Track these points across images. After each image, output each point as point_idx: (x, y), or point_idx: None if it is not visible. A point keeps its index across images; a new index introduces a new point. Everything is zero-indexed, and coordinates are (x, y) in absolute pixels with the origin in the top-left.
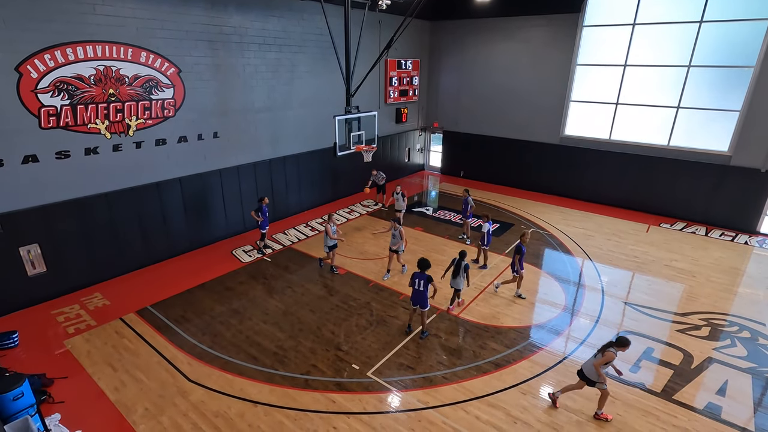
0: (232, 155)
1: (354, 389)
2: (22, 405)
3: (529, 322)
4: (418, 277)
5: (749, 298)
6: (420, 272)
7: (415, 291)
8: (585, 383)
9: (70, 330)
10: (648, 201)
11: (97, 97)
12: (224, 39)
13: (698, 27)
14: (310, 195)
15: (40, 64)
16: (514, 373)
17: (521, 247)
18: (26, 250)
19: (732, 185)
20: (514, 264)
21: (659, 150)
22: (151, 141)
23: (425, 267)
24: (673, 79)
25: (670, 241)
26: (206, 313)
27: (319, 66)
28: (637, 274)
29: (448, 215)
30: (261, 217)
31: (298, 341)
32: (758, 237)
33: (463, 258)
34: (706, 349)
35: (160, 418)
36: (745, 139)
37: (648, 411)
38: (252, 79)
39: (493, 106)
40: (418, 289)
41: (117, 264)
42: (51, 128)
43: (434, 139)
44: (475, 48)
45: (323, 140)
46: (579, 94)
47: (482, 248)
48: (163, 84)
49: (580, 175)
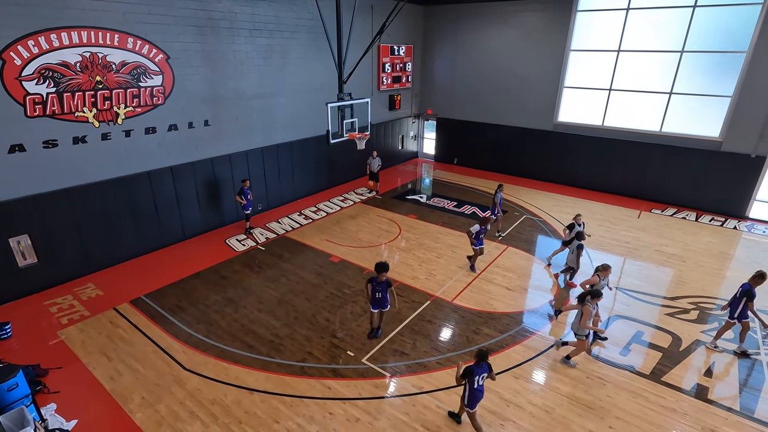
0: (224, 143)
1: (349, 376)
2: (17, 395)
3: (522, 307)
4: (379, 287)
5: (737, 282)
6: (378, 280)
7: (377, 299)
8: None
9: (63, 320)
10: (640, 187)
11: (84, 85)
12: (213, 24)
13: (692, 11)
14: (303, 183)
15: (23, 50)
16: (507, 358)
17: None
18: (16, 241)
19: (722, 171)
20: None
21: (651, 136)
22: (141, 129)
23: (384, 270)
24: (666, 65)
25: (661, 227)
26: (201, 302)
27: (312, 52)
28: (628, 260)
29: (442, 203)
30: (244, 199)
31: (294, 329)
32: (747, 222)
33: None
34: (694, 332)
35: (156, 407)
36: (736, 125)
37: (637, 393)
38: (243, 66)
39: (487, 92)
40: (380, 297)
41: (109, 254)
42: (37, 117)
43: (428, 126)
44: (468, 33)
45: (316, 128)
46: (572, 80)
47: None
48: (151, 71)
49: (572, 161)
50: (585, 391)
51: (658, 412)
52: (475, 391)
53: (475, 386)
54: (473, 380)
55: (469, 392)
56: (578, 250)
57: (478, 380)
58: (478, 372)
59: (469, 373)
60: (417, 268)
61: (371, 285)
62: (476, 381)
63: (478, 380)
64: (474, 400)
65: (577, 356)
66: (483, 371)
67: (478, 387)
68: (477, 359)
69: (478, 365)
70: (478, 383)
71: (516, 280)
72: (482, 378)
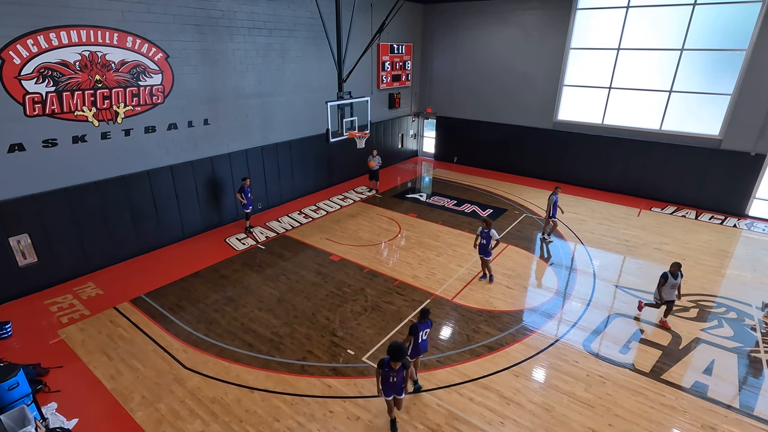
0: (224, 142)
1: (349, 374)
2: (17, 395)
3: (522, 306)
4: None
5: (737, 279)
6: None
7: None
8: None
9: (63, 320)
10: (639, 185)
11: (84, 84)
12: (212, 23)
13: (692, 9)
14: (303, 182)
15: (22, 49)
16: (507, 356)
17: None
18: (16, 240)
19: (722, 169)
20: None
21: (651, 134)
22: (141, 128)
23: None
24: (666, 63)
25: (661, 225)
26: (201, 301)
27: (311, 51)
28: (628, 258)
29: (442, 201)
30: (244, 198)
31: (294, 328)
32: (747, 220)
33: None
34: (694, 330)
35: (157, 405)
36: (735, 123)
37: (637, 390)
38: (242, 65)
39: (487, 91)
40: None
41: (109, 253)
42: (37, 116)
43: (427, 125)
44: (468, 32)
45: (316, 126)
46: (572, 78)
47: (551, 219)
48: (150, 70)
49: (572, 159)
50: (585, 389)
51: (658, 410)
52: (418, 345)
53: (419, 340)
54: (418, 335)
55: (413, 346)
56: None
57: (422, 335)
58: (421, 327)
59: (413, 328)
60: (417, 266)
61: (383, 371)
62: (420, 336)
63: (422, 335)
64: (417, 352)
65: None
66: (426, 327)
67: (422, 341)
68: (420, 316)
69: (422, 321)
70: (422, 337)
71: (516, 279)
72: (425, 333)
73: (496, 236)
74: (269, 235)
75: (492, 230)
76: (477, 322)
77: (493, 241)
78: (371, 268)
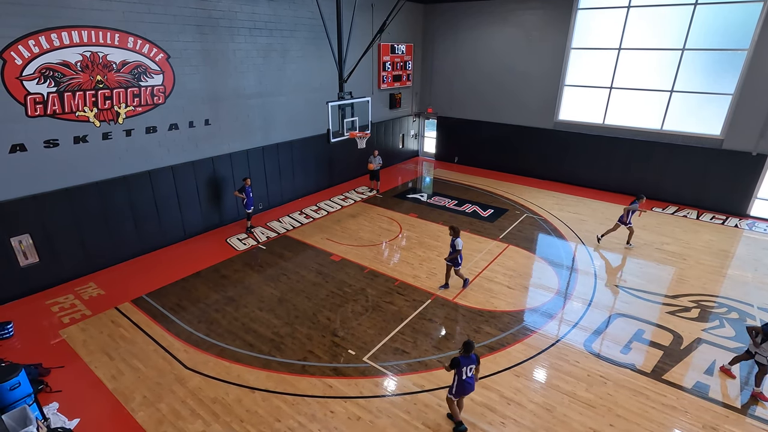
0: (225, 143)
1: (350, 374)
2: (19, 395)
3: (523, 306)
4: (468, 362)
5: (738, 280)
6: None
7: (466, 382)
8: None
9: (65, 320)
10: (641, 185)
11: (85, 84)
12: (213, 23)
13: (693, 9)
14: (304, 182)
15: (24, 50)
16: (508, 356)
17: None
18: (17, 240)
19: (723, 169)
20: None
21: (652, 134)
22: (142, 129)
23: (468, 348)
24: (667, 63)
25: (662, 225)
26: (202, 301)
27: (311, 51)
28: (629, 258)
29: (443, 201)
30: (244, 196)
31: (294, 328)
32: (748, 220)
33: None
34: (695, 330)
35: (158, 405)
36: (737, 123)
37: (638, 391)
38: (243, 65)
39: (487, 91)
40: (468, 379)
41: (110, 253)
42: (38, 116)
43: (428, 125)
44: (468, 32)
45: (316, 127)
46: (573, 78)
47: (627, 226)
48: (151, 70)
49: (573, 160)
50: (586, 389)
51: (659, 410)
52: (463, 383)
53: (464, 377)
54: (461, 371)
55: (458, 384)
56: None
57: (466, 371)
58: (464, 362)
59: (455, 363)
60: (418, 266)
61: (459, 368)
62: (464, 372)
63: (466, 371)
64: (462, 391)
65: None
66: (470, 362)
67: (466, 378)
68: (463, 350)
69: (465, 356)
70: (466, 374)
71: (517, 279)
72: (470, 369)
73: (459, 246)
74: (270, 235)
75: (458, 239)
76: (478, 322)
77: (456, 251)
78: (372, 268)
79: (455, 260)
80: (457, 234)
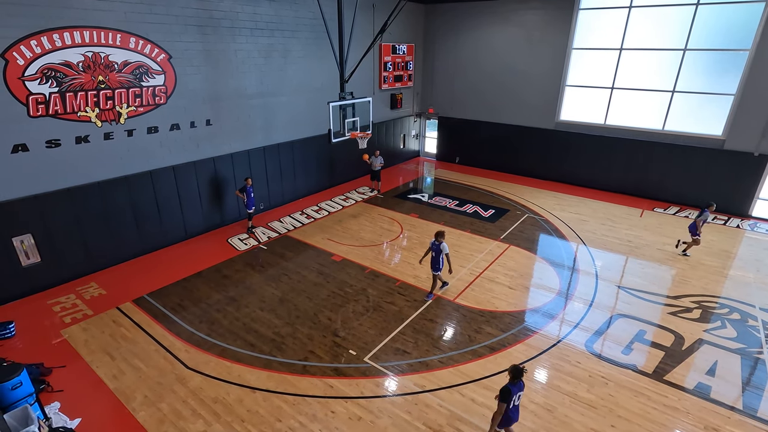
0: (226, 143)
1: (351, 374)
2: (21, 394)
3: (524, 306)
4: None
5: (740, 280)
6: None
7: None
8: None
9: (66, 319)
10: (642, 185)
11: (87, 85)
12: (215, 24)
13: (694, 9)
14: (305, 182)
15: (26, 50)
16: (509, 357)
17: None
18: (19, 240)
19: (725, 169)
20: None
21: (654, 135)
22: (143, 129)
23: (519, 375)
24: (668, 63)
25: (664, 225)
26: (203, 301)
27: (313, 51)
28: (630, 258)
29: (444, 201)
30: (245, 196)
31: (295, 328)
32: (750, 220)
33: None
34: (696, 331)
35: (159, 405)
36: (738, 123)
37: (639, 392)
38: (244, 65)
39: (489, 91)
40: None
41: (112, 253)
42: (40, 116)
43: (429, 125)
44: (470, 32)
45: (318, 127)
46: (574, 78)
47: (694, 237)
48: (153, 70)
49: (575, 160)
50: (587, 390)
51: (661, 411)
52: (509, 411)
53: (511, 405)
54: (510, 400)
55: (505, 414)
56: None
57: (515, 400)
58: (514, 391)
59: (506, 394)
60: (418, 266)
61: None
62: (512, 401)
63: (515, 400)
64: (509, 421)
65: None
66: (519, 389)
67: (513, 406)
68: (512, 377)
69: (514, 383)
70: (514, 403)
71: (518, 279)
72: (518, 397)
73: (446, 250)
74: (271, 235)
75: (443, 243)
76: (479, 322)
77: (444, 256)
78: (373, 269)
79: (438, 267)
80: (442, 238)
